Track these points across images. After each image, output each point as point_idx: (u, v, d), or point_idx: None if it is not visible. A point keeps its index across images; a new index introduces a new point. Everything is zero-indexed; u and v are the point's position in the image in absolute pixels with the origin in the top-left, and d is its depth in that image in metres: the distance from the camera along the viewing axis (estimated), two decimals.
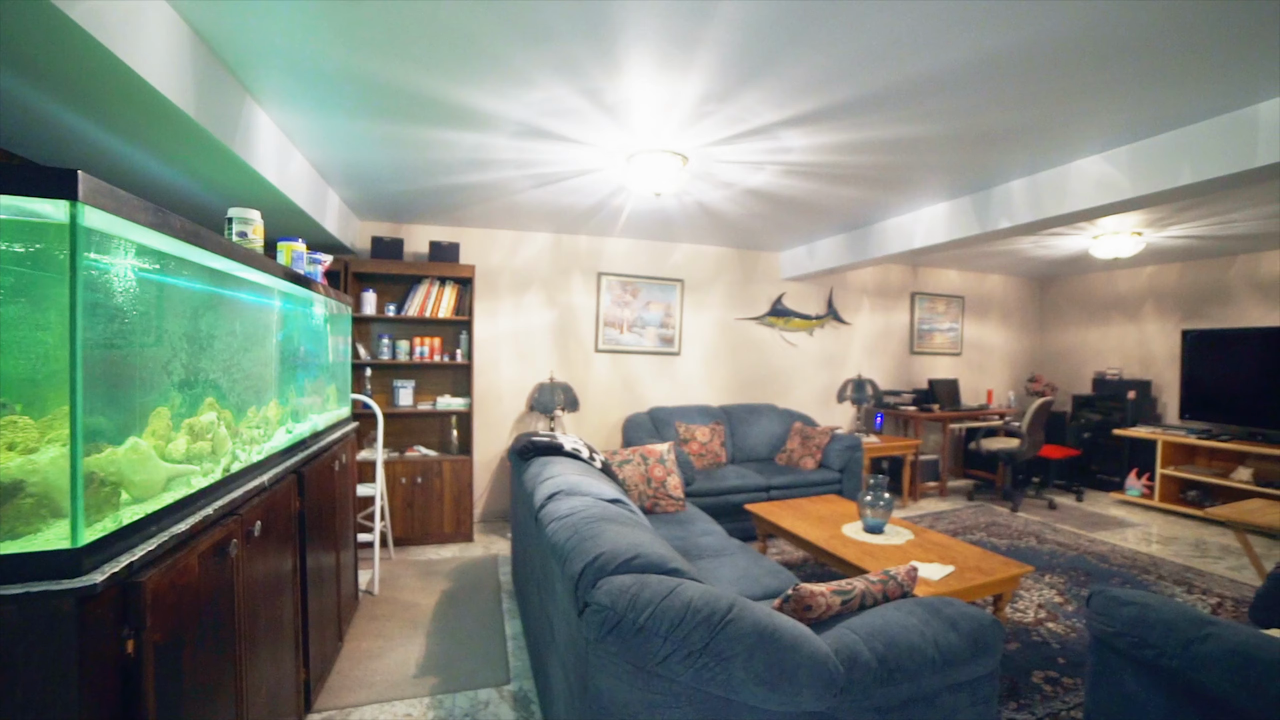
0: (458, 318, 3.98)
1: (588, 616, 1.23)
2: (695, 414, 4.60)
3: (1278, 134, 2.10)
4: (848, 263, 4.42)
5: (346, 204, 3.64)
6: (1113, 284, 5.99)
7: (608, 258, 4.75)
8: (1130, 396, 5.45)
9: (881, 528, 2.83)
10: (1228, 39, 1.72)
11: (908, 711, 1.30)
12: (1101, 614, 1.47)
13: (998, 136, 2.46)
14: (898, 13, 1.57)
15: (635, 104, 2.19)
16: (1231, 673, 1.18)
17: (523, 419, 4.54)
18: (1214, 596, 3.21)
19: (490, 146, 2.63)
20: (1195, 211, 3.67)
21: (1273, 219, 3.85)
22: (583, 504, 1.75)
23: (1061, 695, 2.21)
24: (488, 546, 3.87)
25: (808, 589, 1.36)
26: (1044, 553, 3.79)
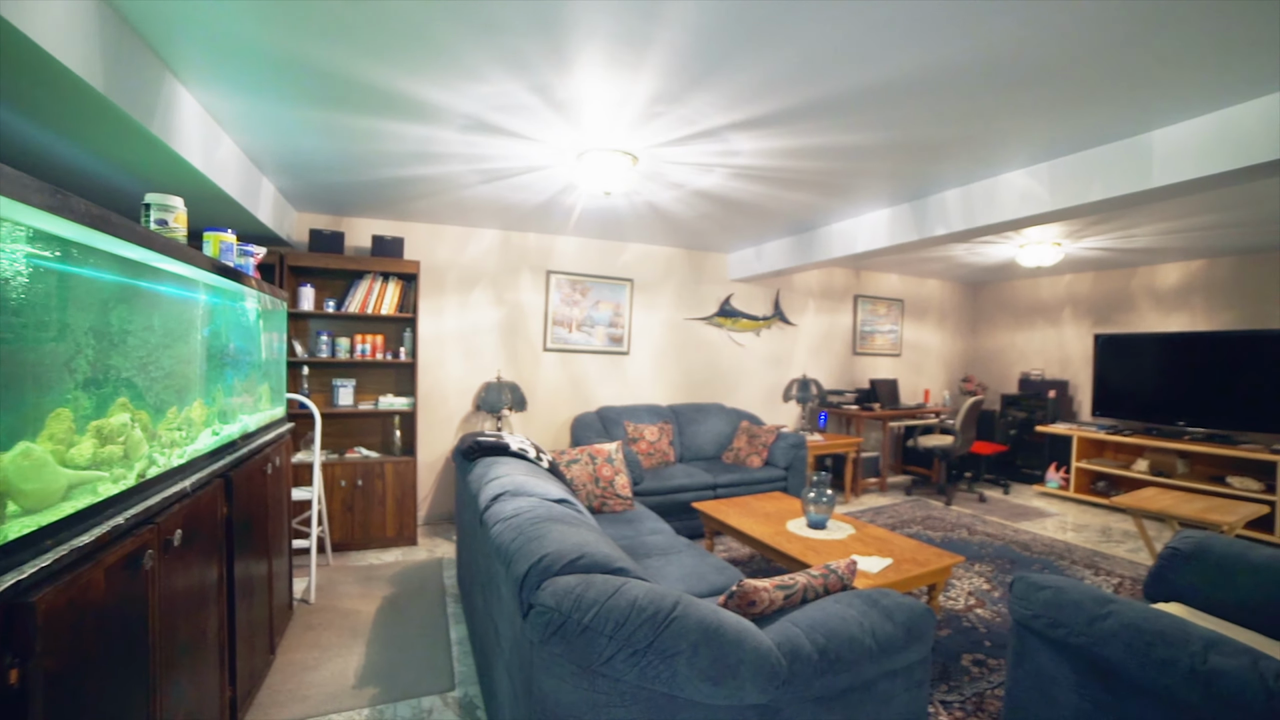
0: (401, 315, 3.85)
1: (532, 618, 1.21)
2: (644, 413, 4.63)
3: (1168, 159, 2.31)
4: (794, 265, 4.54)
5: (282, 194, 3.46)
6: (1036, 291, 6.39)
7: (557, 256, 4.70)
8: (1051, 395, 5.84)
9: (824, 523, 2.91)
10: (1127, 72, 1.87)
11: (847, 699, 1.35)
12: (1021, 599, 1.56)
13: (934, 148, 2.58)
14: (840, 25, 1.62)
15: (586, 102, 2.17)
16: (1125, 645, 1.29)
17: (469, 419, 4.45)
18: (1116, 577, 3.47)
19: (437, 140, 2.56)
20: (1105, 226, 3.96)
21: (1167, 235, 4.21)
22: (528, 504, 1.73)
23: (987, 676, 2.34)
24: (432, 550, 3.76)
25: (751, 585, 1.39)
26: (974, 544, 4.00)
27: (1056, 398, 5.84)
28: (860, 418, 5.63)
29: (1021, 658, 1.58)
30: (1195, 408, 4.83)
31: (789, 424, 5.74)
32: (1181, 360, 4.94)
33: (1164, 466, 4.93)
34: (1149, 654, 1.24)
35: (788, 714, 1.25)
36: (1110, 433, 5.19)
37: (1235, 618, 1.85)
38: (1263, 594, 1.81)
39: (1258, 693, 1.09)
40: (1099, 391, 5.50)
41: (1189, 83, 1.97)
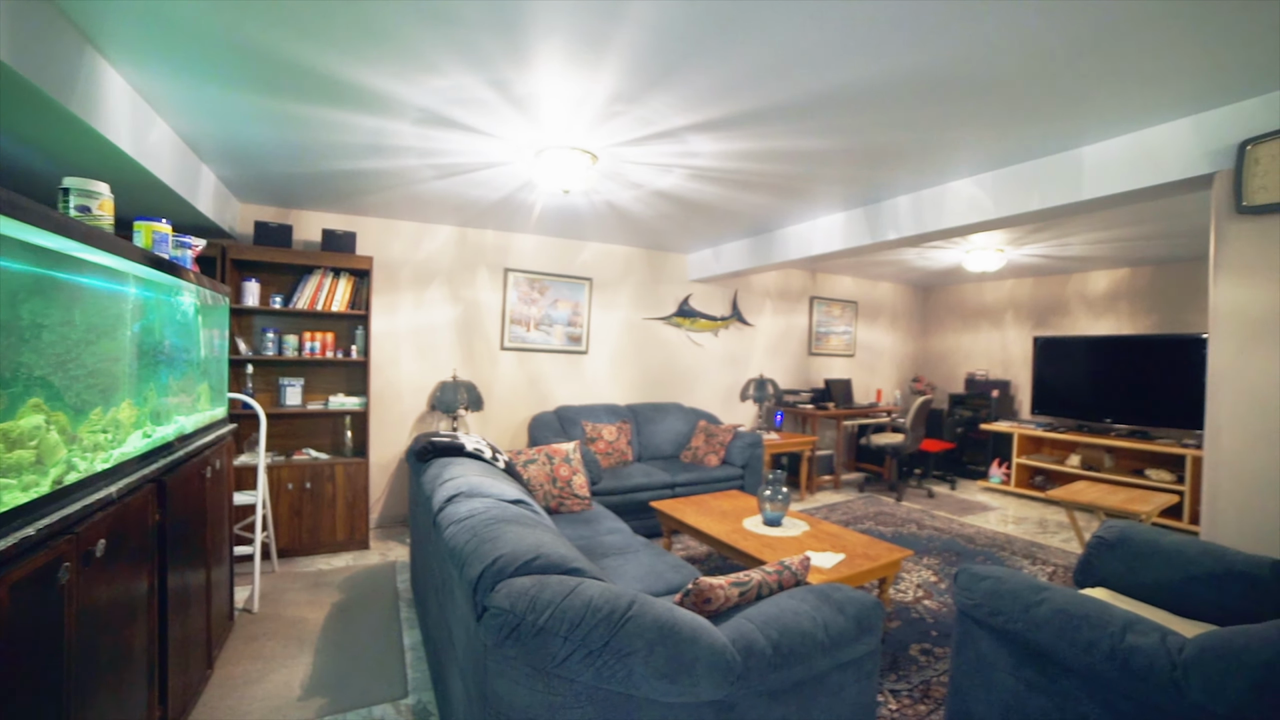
0: (353, 312, 3.73)
1: (486, 621, 1.19)
2: (602, 413, 4.62)
3: (1097, 174, 2.46)
4: (752, 266, 4.61)
5: (224, 184, 3.30)
6: (981, 295, 6.68)
7: (515, 254, 4.64)
8: (994, 395, 6.11)
9: (780, 520, 2.97)
10: (1061, 91, 1.98)
11: (800, 692, 1.37)
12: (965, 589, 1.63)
13: (887, 155, 2.66)
14: (796, 32, 1.65)
15: (545, 99, 2.15)
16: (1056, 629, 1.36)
17: (424, 419, 4.34)
18: (1051, 566, 3.66)
19: (391, 132, 2.49)
20: (1043, 234, 4.17)
21: (1096, 245, 4.47)
22: (483, 506, 1.70)
23: (933, 664, 2.43)
24: (385, 553, 3.66)
25: (707, 582, 1.40)
26: (923, 538, 4.15)
27: (999, 397, 6.12)
28: (815, 417, 5.76)
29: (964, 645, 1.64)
30: (1120, 406, 5.14)
31: (746, 423, 5.83)
32: (1108, 361, 5.26)
33: (1093, 461, 5.23)
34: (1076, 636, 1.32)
35: (743, 709, 1.27)
36: (1047, 430, 5.48)
37: (1151, 599, 1.97)
38: (1172, 576, 1.94)
39: (1164, 665, 1.17)
40: (1037, 391, 5.79)
41: (1113, 104, 2.10)
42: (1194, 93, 2.02)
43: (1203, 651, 1.14)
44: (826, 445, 6.13)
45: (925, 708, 2.14)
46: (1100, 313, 5.63)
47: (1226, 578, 1.85)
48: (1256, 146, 2.02)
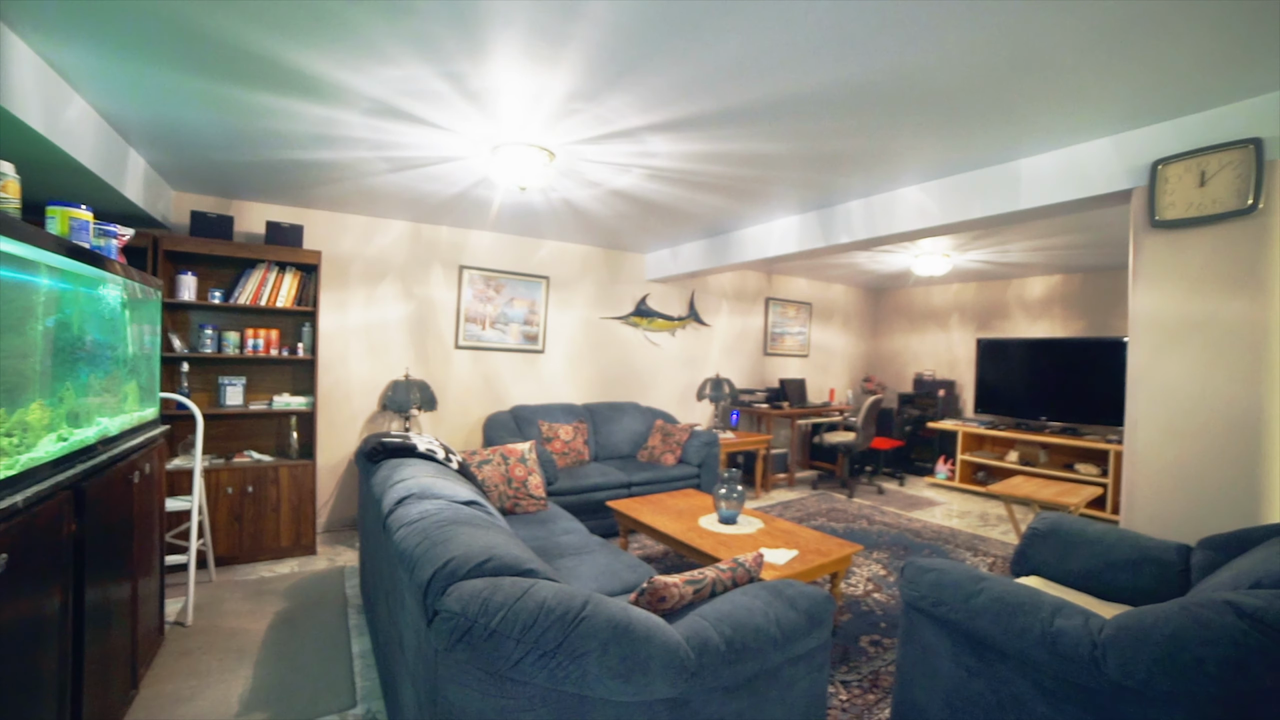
0: (300, 308, 3.58)
1: (437, 625, 1.16)
2: (559, 412, 4.58)
3: (1033, 185, 2.60)
4: (709, 267, 4.66)
5: (156, 169, 3.11)
6: (929, 298, 6.94)
7: (471, 251, 4.56)
8: (940, 394, 6.37)
9: (735, 518, 3.01)
10: (1001, 105, 2.08)
11: (753, 687, 1.39)
12: (910, 582, 1.69)
13: (840, 160, 2.73)
14: (752, 38, 1.68)
15: (501, 93, 2.12)
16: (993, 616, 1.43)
17: (374, 419, 4.21)
18: (991, 557, 3.84)
19: (340, 122, 2.40)
20: (985, 241, 4.37)
21: (1033, 252, 4.72)
22: (435, 507, 1.66)
23: (882, 655, 2.51)
24: (333, 558, 3.53)
25: (662, 581, 1.41)
26: (873, 533, 4.28)
27: (945, 396, 6.38)
28: (770, 416, 5.87)
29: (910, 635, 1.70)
30: (1053, 404, 5.44)
31: (703, 422, 5.89)
32: (1043, 362, 5.55)
33: (1030, 457, 5.52)
34: (1011, 623, 1.38)
35: (697, 705, 1.28)
36: (988, 428, 5.74)
37: (1078, 584, 2.10)
38: (1096, 562, 2.07)
39: (1086, 646, 1.24)
40: (980, 390, 6.06)
41: (1046, 121, 2.22)
42: (1115, 114, 2.16)
43: (1118, 631, 1.22)
44: (781, 444, 6.26)
45: (874, 697, 2.21)
46: (1037, 316, 5.94)
47: (1142, 562, 1.98)
48: (1166, 166, 2.17)
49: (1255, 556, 1.50)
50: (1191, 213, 2.10)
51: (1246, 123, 2.02)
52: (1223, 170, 2.04)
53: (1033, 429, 5.54)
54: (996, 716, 1.43)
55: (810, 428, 6.46)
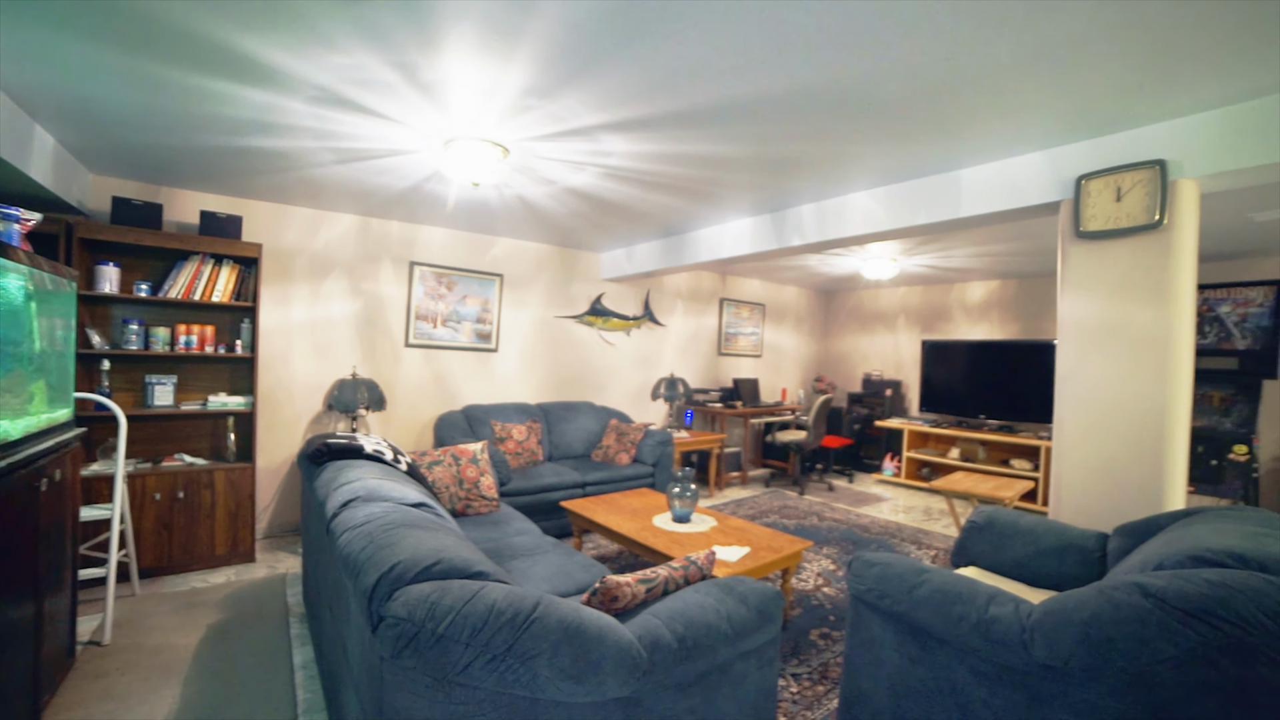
0: (239, 303, 3.41)
1: (382, 631, 1.13)
2: (512, 412, 4.53)
3: (972, 194, 2.73)
4: (664, 267, 4.69)
5: (69, 150, 2.87)
6: (877, 300, 7.18)
7: (422, 247, 4.44)
8: (888, 394, 6.60)
9: (689, 517, 3.04)
10: (943, 117, 2.17)
11: (705, 683, 1.41)
12: (857, 576, 1.74)
13: (792, 165, 2.79)
14: (706, 41, 1.70)
15: (454, 87, 2.07)
16: (933, 607, 1.49)
17: (319, 419, 4.06)
18: (933, 549, 4.01)
19: (282, 109, 2.29)
20: (929, 246, 4.56)
21: (974, 258, 4.95)
22: (381, 510, 1.61)
23: (831, 647, 2.58)
24: (274, 565, 3.38)
25: (614, 580, 1.41)
26: (823, 529, 4.40)
27: (892, 396, 6.61)
28: (724, 415, 5.95)
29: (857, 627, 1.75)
30: (991, 403, 5.72)
31: (657, 422, 5.92)
32: (982, 363, 5.83)
33: (970, 453, 5.79)
34: (949, 612, 1.45)
35: (649, 703, 1.28)
36: (932, 426, 5.99)
37: (1012, 573, 2.22)
38: (1027, 551, 2.20)
39: (1016, 631, 1.32)
40: (925, 390, 6.31)
41: (984, 134, 2.33)
42: (1045, 131, 2.29)
43: (1044, 616, 1.30)
44: (735, 443, 6.36)
45: (823, 688, 2.27)
46: (977, 319, 6.23)
47: (1067, 550, 2.11)
48: (1089, 181, 2.32)
49: (1160, 540, 1.62)
50: (1110, 225, 2.24)
51: (1154, 145, 2.19)
52: (1135, 187, 2.19)
53: (972, 426, 5.82)
54: (936, 701, 1.49)
55: (763, 427, 6.59)
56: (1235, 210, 3.32)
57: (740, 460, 6.08)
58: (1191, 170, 2.12)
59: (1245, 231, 3.80)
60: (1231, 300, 4.70)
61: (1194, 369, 2.24)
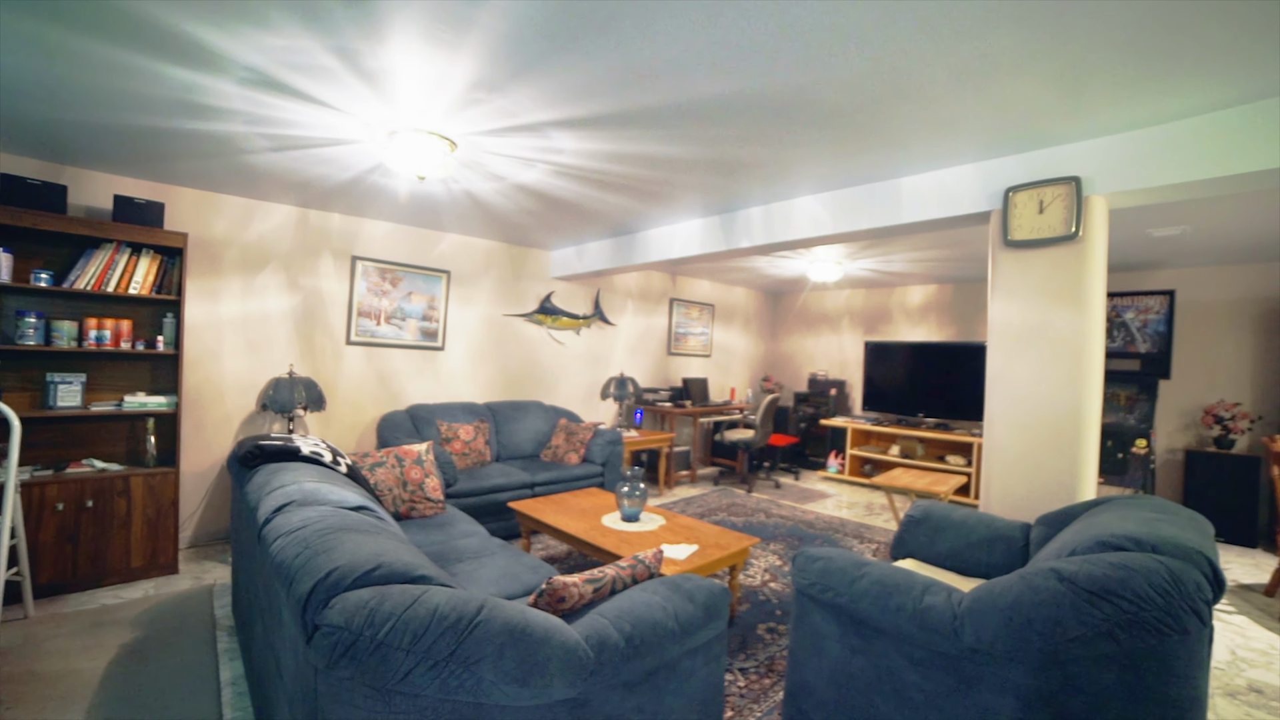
0: (160, 296, 3.18)
1: (317, 641, 1.08)
2: (459, 411, 4.42)
3: (912, 202, 2.85)
4: (614, 266, 4.69)
5: None
6: (823, 302, 7.41)
7: (365, 241, 4.28)
8: (832, 393, 6.81)
9: (638, 516, 3.05)
10: (883, 127, 2.26)
11: (652, 681, 1.41)
12: (801, 571, 1.79)
13: (741, 168, 2.84)
14: (657, 42, 1.70)
15: (399, 76, 2.00)
16: (873, 598, 1.55)
17: (253, 420, 3.85)
18: (874, 543, 4.17)
19: (210, 90, 2.16)
20: (873, 250, 4.73)
21: (914, 263, 5.18)
22: (318, 514, 1.54)
23: (777, 641, 2.64)
24: (200, 576, 3.17)
25: (561, 581, 1.39)
26: (770, 525, 4.50)
27: (836, 395, 6.84)
28: (673, 414, 6.01)
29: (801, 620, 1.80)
30: (929, 402, 6.00)
31: (607, 421, 5.91)
32: (921, 364, 6.11)
33: (909, 450, 6.05)
34: (888, 602, 1.51)
35: (597, 703, 1.27)
36: (874, 424, 6.23)
37: (946, 564, 2.33)
38: (960, 543, 2.32)
39: (948, 618, 1.39)
40: (867, 389, 6.56)
41: (923, 144, 2.44)
42: (977, 144, 2.42)
43: (973, 603, 1.37)
44: (684, 441, 6.42)
45: (769, 681, 2.32)
46: (917, 322, 6.52)
47: (995, 541, 2.24)
48: (1016, 193, 2.46)
49: (1073, 528, 1.74)
50: (1034, 235, 2.39)
51: (1071, 162, 2.36)
52: (1055, 201, 2.35)
53: (912, 424, 6.08)
54: (875, 688, 1.55)
55: (712, 425, 6.68)
56: (1137, 226, 3.61)
57: (689, 459, 6.15)
58: (1102, 187, 2.28)
59: (1146, 245, 4.14)
60: (1135, 307, 5.10)
61: (1104, 370, 2.42)
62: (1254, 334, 4.66)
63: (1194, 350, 4.90)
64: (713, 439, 6.68)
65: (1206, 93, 1.92)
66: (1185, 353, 4.93)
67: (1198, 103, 1.99)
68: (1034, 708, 1.29)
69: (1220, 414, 4.57)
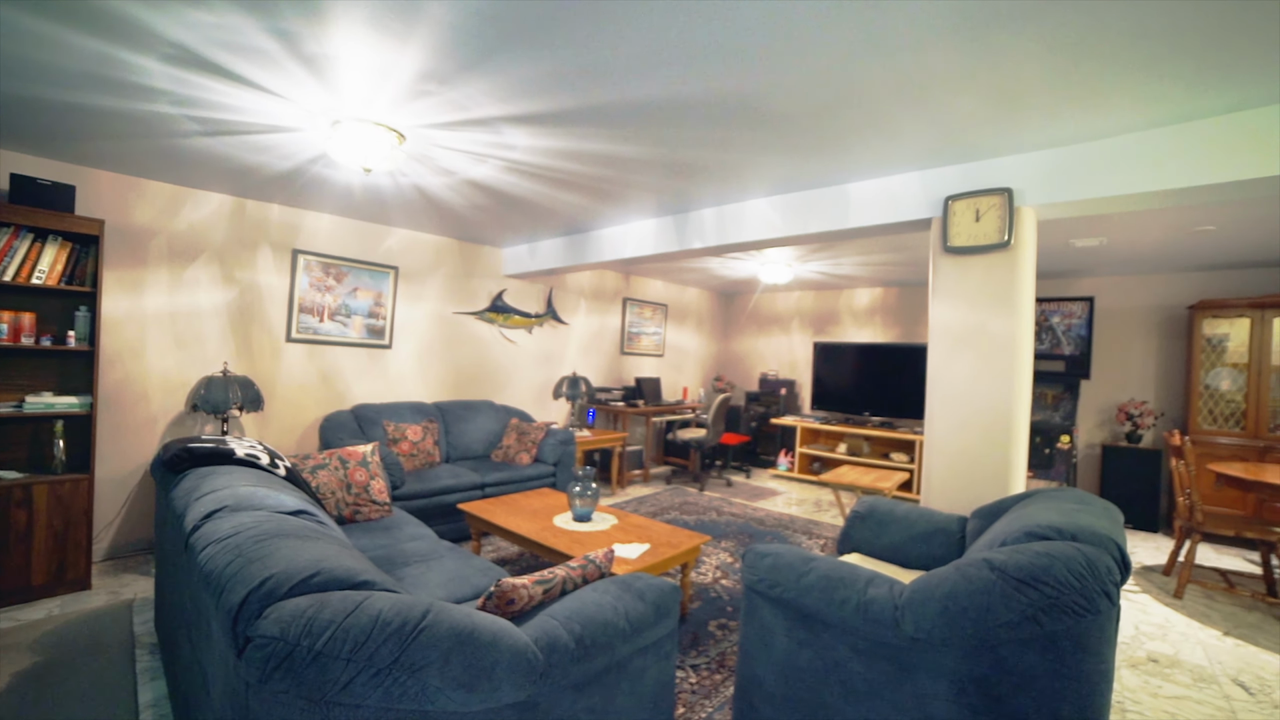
0: (72, 288, 2.95)
1: (250, 654, 1.02)
2: (407, 411, 4.30)
3: (859, 207, 2.95)
4: (567, 265, 4.65)
5: None
6: (774, 303, 7.57)
7: (307, 234, 4.10)
8: (782, 393, 6.97)
9: (589, 516, 3.03)
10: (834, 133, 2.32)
11: (603, 681, 1.41)
12: (750, 567, 1.82)
13: (694, 169, 2.87)
14: (611, 39, 1.70)
15: (343, 63, 1.92)
16: (820, 592, 1.60)
17: (181, 422, 3.62)
18: (822, 539, 4.29)
19: (131, 66, 2.01)
20: (822, 253, 4.87)
21: (861, 266, 5.36)
22: (253, 520, 1.46)
23: (729, 637, 2.68)
24: (118, 591, 2.96)
25: (510, 583, 1.37)
26: (722, 523, 4.56)
27: (786, 394, 7.00)
28: (626, 414, 6.01)
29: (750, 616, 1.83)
30: (875, 401, 6.22)
31: (559, 420, 5.87)
32: (867, 364, 6.32)
33: (856, 448, 6.25)
34: (833, 596, 1.55)
35: (546, 706, 1.26)
36: (823, 423, 6.41)
37: (889, 557, 2.42)
38: (903, 536, 2.41)
39: (890, 610, 1.44)
40: (816, 389, 6.74)
41: (869, 152, 2.52)
42: (920, 153, 2.52)
43: (912, 594, 1.43)
44: (637, 441, 6.44)
45: (720, 676, 2.35)
46: (863, 323, 6.75)
47: (934, 534, 2.34)
48: (954, 202, 2.58)
49: (1005, 520, 1.84)
50: (971, 242, 2.51)
51: (1005, 175, 2.50)
52: (990, 210, 2.48)
53: (858, 423, 6.29)
54: (821, 679, 1.59)
55: (665, 425, 6.73)
56: (1063, 236, 3.85)
57: (642, 458, 6.17)
58: (1031, 199, 2.42)
59: (1069, 255, 4.42)
60: (1060, 312, 5.44)
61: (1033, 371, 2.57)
62: (1159, 338, 5.06)
63: (1110, 353, 5.27)
64: (665, 438, 6.72)
65: (1125, 115, 2.07)
66: (1103, 355, 5.30)
67: (1117, 124, 2.14)
68: (966, 690, 1.36)
69: (1131, 411, 4.93)
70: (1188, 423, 4.67)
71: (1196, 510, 3.42)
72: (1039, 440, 5.06)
